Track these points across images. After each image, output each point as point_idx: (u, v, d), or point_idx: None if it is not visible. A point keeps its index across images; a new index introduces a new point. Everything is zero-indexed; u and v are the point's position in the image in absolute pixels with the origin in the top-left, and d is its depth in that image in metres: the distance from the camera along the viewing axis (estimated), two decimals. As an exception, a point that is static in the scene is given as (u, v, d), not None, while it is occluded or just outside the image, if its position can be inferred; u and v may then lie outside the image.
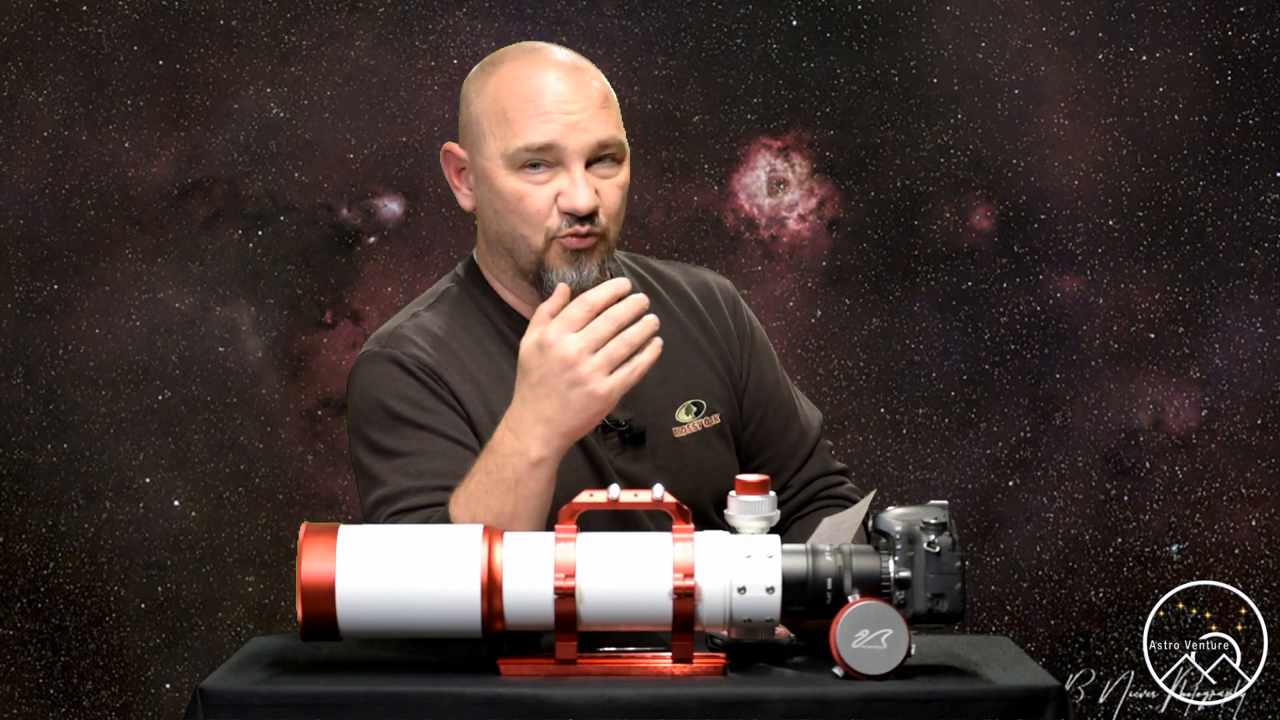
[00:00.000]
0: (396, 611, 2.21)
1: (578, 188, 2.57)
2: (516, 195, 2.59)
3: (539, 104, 2.58)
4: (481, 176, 2.63)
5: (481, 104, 2.62)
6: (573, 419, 2.39)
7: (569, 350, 2.37)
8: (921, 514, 2.25)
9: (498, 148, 2.60)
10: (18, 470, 4.29)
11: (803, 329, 4.37)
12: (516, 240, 2.61)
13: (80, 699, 4.32)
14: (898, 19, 4.32)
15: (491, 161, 2.61)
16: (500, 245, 2.64)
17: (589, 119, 2.59)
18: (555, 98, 2.58)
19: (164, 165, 4.31)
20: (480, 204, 2.65)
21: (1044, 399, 4.36)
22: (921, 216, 4.35)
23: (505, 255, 2.65)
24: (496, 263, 2.68)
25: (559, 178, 2.59)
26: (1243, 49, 4.31)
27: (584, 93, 2.60)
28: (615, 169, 2.62)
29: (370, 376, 2.62)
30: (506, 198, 2.60)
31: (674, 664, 2.25)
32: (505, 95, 2.60)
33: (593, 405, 2.38)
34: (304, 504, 4.33)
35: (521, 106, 2.58)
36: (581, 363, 2.37)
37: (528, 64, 2.62)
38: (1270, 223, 4.32)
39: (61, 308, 4.29)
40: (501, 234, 2.63)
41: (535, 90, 2.59)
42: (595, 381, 2.38)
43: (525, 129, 2.58)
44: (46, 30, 4.26)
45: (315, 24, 4.31)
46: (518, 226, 2.60)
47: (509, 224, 2.61)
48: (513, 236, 2.61)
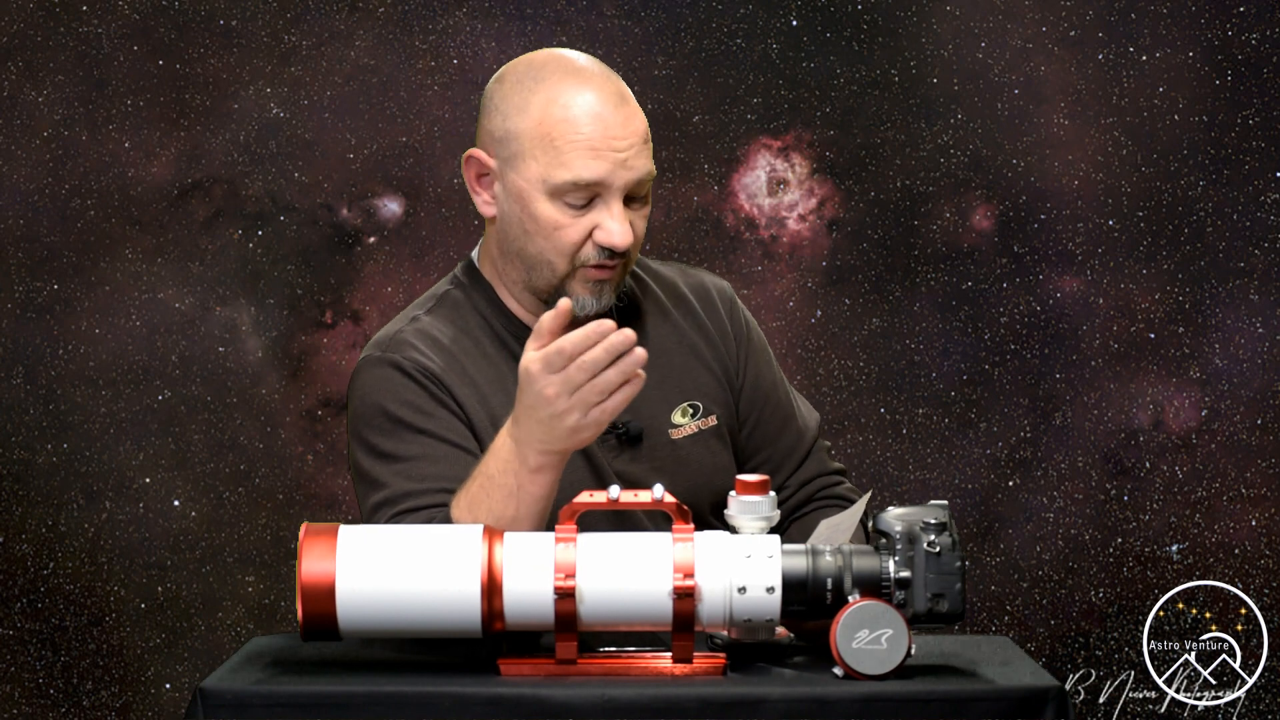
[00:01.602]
0: (396, 611, 2.21)
1: (617, 223, 2.57)
2: (553, 224, 2.58)
3: (590, 138, 2.56)
4: (514, 194, 2.60)
5: (523, 124, 2.59)
6: (559, 442, 2.40)
7: (546, 390, 2.37)
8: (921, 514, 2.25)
9: (539, 173, 2.58)
10: (18, 470, 4.29)
11: (803, 329, 4.37)
12: (541, 264, 2.61)
13: (80, 699, 4.32)
14: (898, 19, 4.32)
15: (530, 185, 2.58)
16: (519, 260, 2.63)
17: (634, 156, 2.58)
18: (606, 133, 2.56)
19: (164, 165, 4.31)
20: (505, 218, 2.63)
21: (1044, 399, 4.36)
22: (921, 216, 4.35)
23: (521, 269, 2.64)
24: (508, 272, 2.67)
25: (596, 210, 2.58)
26: (1243, 49, 4.31)
27: (631, 127, 2.58)
28: (645, 202, 2.63)
29: (371, 381, 2.62)
30: (541, 224, 2.59)
31: (674, 664, 2.25)
32: (553, 122, 2.57)
33: (574, 436, 2.39)
34: (304, 504, 4.33)
35: (572, 138, 2.56)
36: (557, 401, 2.37)
37: (573, 88, 2.59)
38: (1270, 223, 4.32)
39: (61, 308, 4.29)
40: (525, 253, 2.62)
41: (585, 122, 2.56)
42: (571, 420, 2.37)
43: (575, 163, 2.56)
44: (46, 30, 4.26)
45: (315, 24, 4.31)
46: (546, 252, 2.60)
47: (537, 246, 2.60)
48: (538, 260, 2.61)
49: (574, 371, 2.35)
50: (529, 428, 2.40)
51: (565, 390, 2.36)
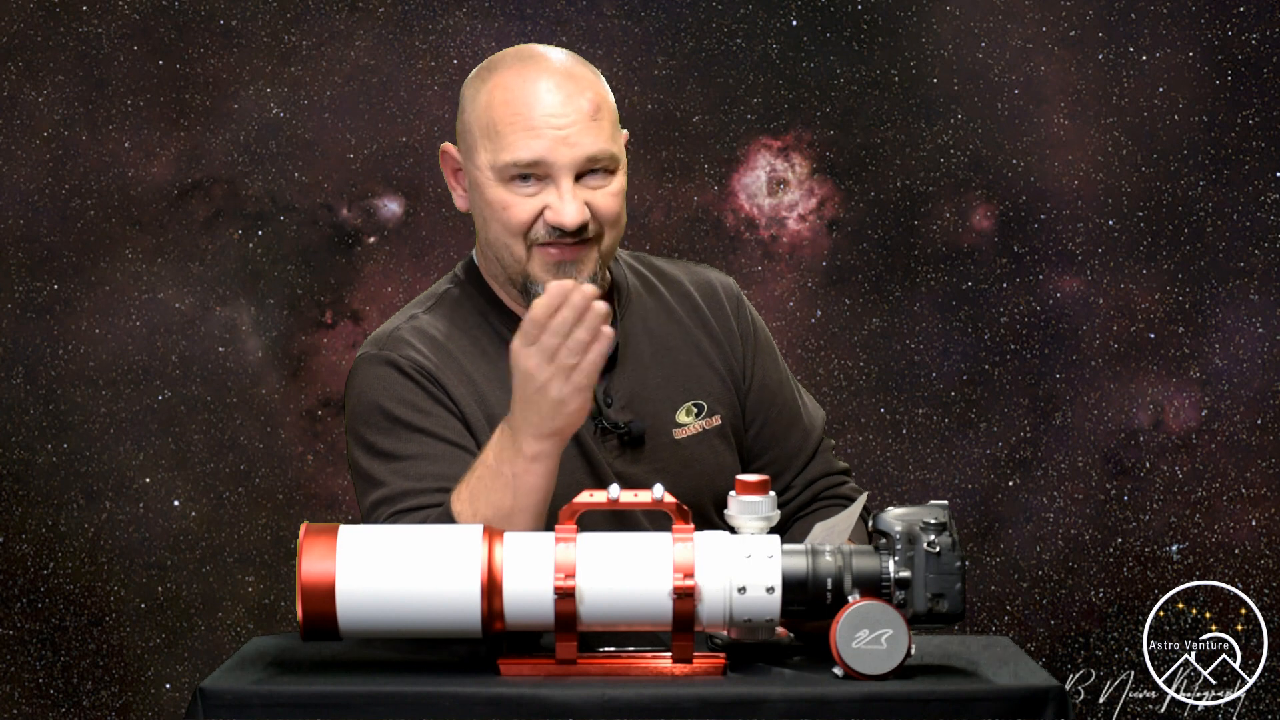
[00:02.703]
0: (396, 611, 2.21)
1: (565, 203, 2.57)
2: (502, 205, 2.60)
3: (527, 118, 2.57)
4: (473, 183, 2.63)
5: (474, 112, 2.62)
6: (549, 422, 2.41)
7: (528, 364, 2.39)
8: (921, 514, 2.25)
9: (487, 159, 2.60)
10: (18, 470, 4.29)
11: (803, 329, 4.37)
12: (501, 249, 2.62)
13: (80, 699, 4.32)
14: (898, 19, 4.32)
15: (481, 171, 2.61)
16: (489, 250, 2.65)
17: (578, 133, 2.57)
18: (544, 111, 2.57)
19: (164, 165, 4.31)
20: (473, 209, 2.66)
21: (1044, 399, 4.36)
22: (921, 216, 4.35)
23: (493, 259, 2.66)
24: (490, 265, 2.68)
25: (547, 191, 2.58)
26: (1243, 49, 4.31)
27: (573, 105, 2.58)
28: (607, 179, 2.61)
29: (368, 379, 2.62)
30: (494, 208, 2.60)
31: (674, 664, 2.25)
32: (496, 106, 2.59)
33: (561, 409, 2.39)
34: (304, 504, 4.33)
35: (510, 120, 2.58)
36: (539, 373, 2.38)
37: (519, 74, 2.60)
38: (1270, 223, 4.32)
39: (61, 308, 4.29)
40: (488, 241, 2.64)
41: (524, 103, 2.58)
42: (554, 389, 2.38)
43: (513, 144, 2.57)
44: (46, 30, 4.26)
45: (315, 24, 4.31)
46: (501, 235, 2.61)
47: (495, 232, 2.62)
48: (497, 244, 2.62)
49: (548, 338, 2.37)
50: (521, 412, 2.41)
51: (544, 359, 2.37)
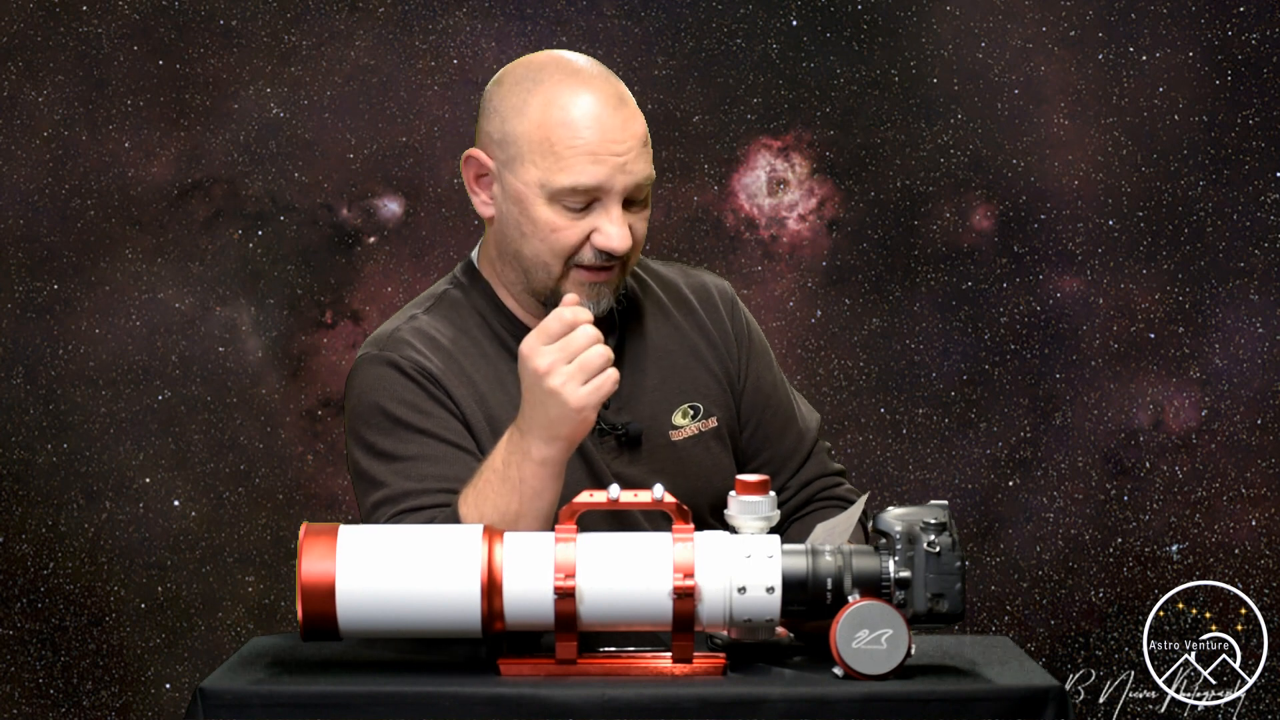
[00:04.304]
0: (396, 611, 2.21)
1: (616, 227, 2.55)
2: (551, 227, 2.57)
3: (589, 143, 2.54)
4: (513, 196, 2.59)
5: (521, 126, 2.57)
6: (558, 426, 2.40)
7: (542, 362, 2.38)
8: (921, 514, 2.25)
9: (538, 177, 2.56)
10: (18, 470, 4.29)
11: (803, 329, 4.37)
12: (537, 266, 2.60)
13: (80, 699, 4.32)
14: (898, 19, 4.32)
15: (529, 188, 2.57)
16: (516, 262, 2.63)
17: (633, 160, 2.56)
18: (605, 137, 2.55)
19: (164, 165, 4.31)
20: (503, 219, 2.62)
21: (1044, 399, 4.36)
22: (921, 216, 4.35)
23: (518, 270, 2.64)
24: (505, 273, 2.66)
25: (594, 214, 2.56)
26: (1243, 49, 4.31)
27: (630, 131, 2.56)
28: (644, 204, 2.61)
29: (368, 379, 2.62)
30: (539, 226, 2.57)
31: (674, 664, 2.25)
32: (551, 125, 2.55)
33: (570, 414, 2.39)
34: (304, 504, 4.33)
35: (570, 143, 2.54)
36: (554, 373, 2.38)
37: (571, 91, 2.57)
38: (1270, 223, 4.32)
39: (61, 308, 4.29)
40: (521, 254, 2.61)
41: (584, 126, 2.55)
42: (568, 393, 2.38)
43: (574, 168, 2.54)
44: (46, 30, 4.26)
45: (315, 24, 4.31)
46: (542, 254, 2.59)
47: (533, 249, 2.59)
48: (533, 261, 2.60)
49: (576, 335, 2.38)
50: (530, 416, 2.40)
51: (563, 357, 2.37)
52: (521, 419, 2.43)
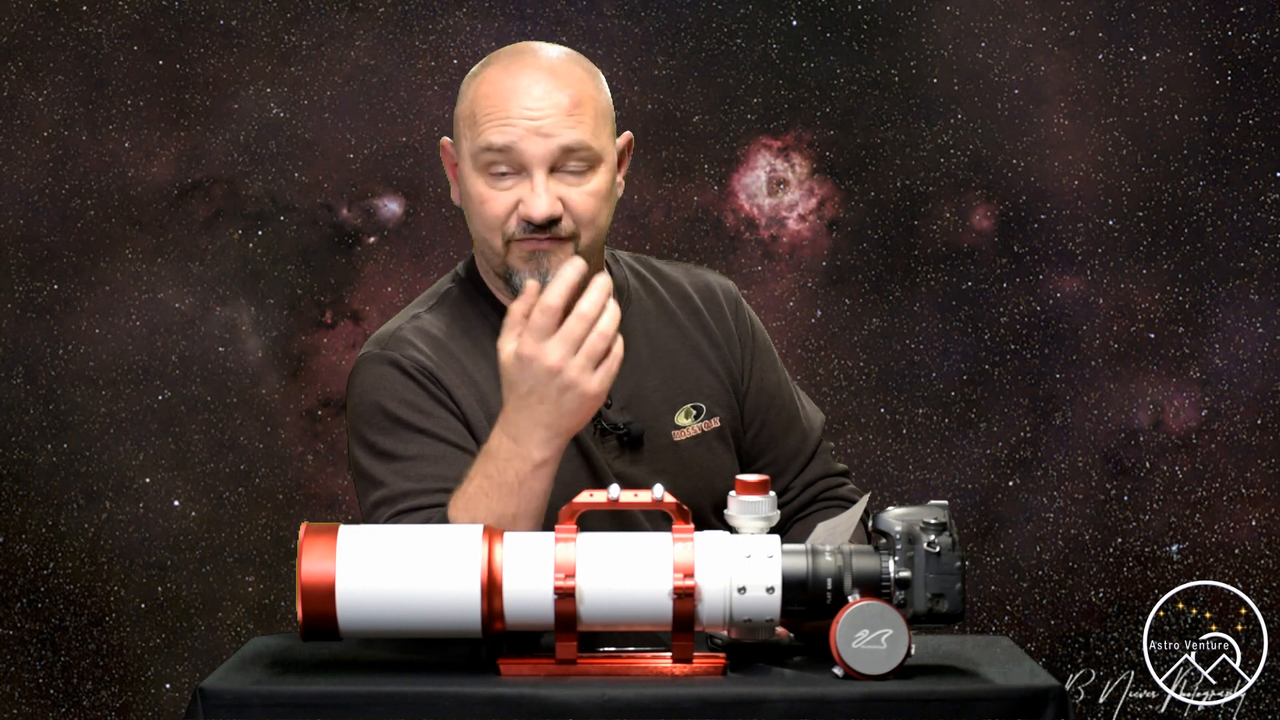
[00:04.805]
0: (396, 611, 2.21)
1: (535, 195, 2.56)
2: (480, 199, 2.59)
3: (504, 108, 2.57)
4: (460, 176, 2.64)
5: (462, 105, 2.64)
6: (568, 419, 2.40)
7: (551, 358, 2.37)
8: (921, 514, 2.25)
9: (468, 148, 2.60)
10: (18, 470, 4.29)
11: (803, 329, 4.37)
12: (483, 243, 2.63)
13: (80, 699, 4.32)
14: (898, 19, 4.32)
15: (464, 162, 2.62)
16: (476, 244, 2.66)
17: (553, 124, 2.57)
18: (521, 102, 2.57)
19: (164, 165, 4.31)
20: (463, 201, 2.66)
21: (1044, 399, 4.36)
22: (921, 216, 4.35)
23: (482, 254, 2.66)
24: (481, 261, 2.69)
25: (522, 184, 2.58)
26: (1243, 49, 4.31)
27: (551, 99, 2.57)
28: (585, 176, 2.59)
29: (369, 379, 2.62)
30: (473, 200, 2.61)
31: (674, 664, 2.25)
32: (480, 97, 2.60)
33: (587, 403, 2.39)
34: (304, 504, 4.33)
35: (489, 110, 2.58)
36: (567, 367, 2.37)
37: (506, 67, 2.61)
38: (1270, 223, 4.32)
39: (61, 308, 4.29)
40: (473, 234, 2.65)
41: (504, 94, 2.58)
42: (585, 382, 2.38)
43: (487, 131, 2.57)
44: (46, 30, 4.26)
45: (315, 24, 4.31)
46: (481, 230, 2.61)
47: (475, 226, 2.62)
48: (480, 239, 2.63)
49: (573, 323, 2.36)
50: (529, 418, 2.39)
51: (569, 349, 2.36)
52: (511, 425, 2.41)
